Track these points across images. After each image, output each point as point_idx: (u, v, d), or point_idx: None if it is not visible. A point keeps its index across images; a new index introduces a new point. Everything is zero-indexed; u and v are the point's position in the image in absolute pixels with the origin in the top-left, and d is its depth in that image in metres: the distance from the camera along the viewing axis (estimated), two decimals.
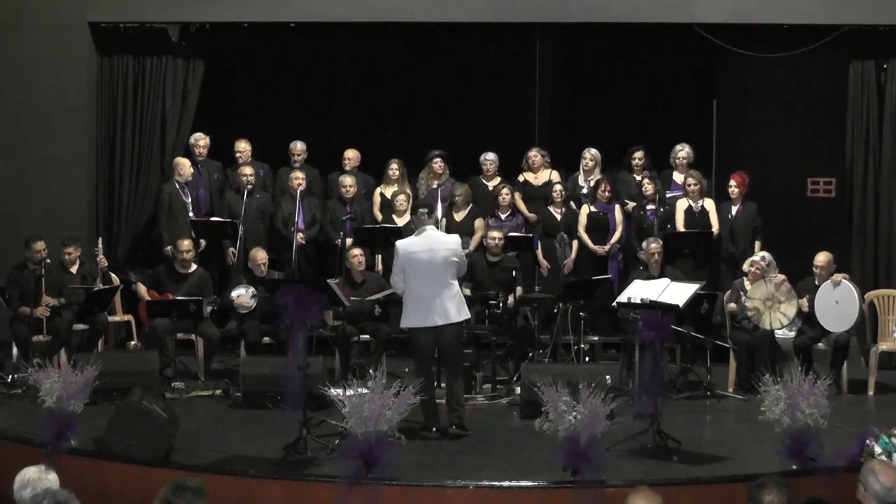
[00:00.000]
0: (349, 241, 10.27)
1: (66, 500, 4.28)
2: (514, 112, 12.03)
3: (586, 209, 10.66)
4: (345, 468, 6.43)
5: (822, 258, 9.38)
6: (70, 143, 11.01)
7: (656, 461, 7.14)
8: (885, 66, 11.01)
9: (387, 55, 11.98)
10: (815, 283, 9.32)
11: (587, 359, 9.85)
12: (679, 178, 10.85)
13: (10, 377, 9.07)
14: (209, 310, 9.70)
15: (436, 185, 10.95)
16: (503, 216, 10.64)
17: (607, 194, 10.61)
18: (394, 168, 10.91)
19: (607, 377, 8.06)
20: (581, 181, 11.00)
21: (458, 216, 10.65)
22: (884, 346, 9.42)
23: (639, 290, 8.54)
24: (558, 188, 10.67)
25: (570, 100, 12.01)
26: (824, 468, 6.52)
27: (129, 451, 6.98)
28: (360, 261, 9.85)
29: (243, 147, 11.03)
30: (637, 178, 10.95)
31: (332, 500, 6.40)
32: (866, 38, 10.90)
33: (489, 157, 11.04)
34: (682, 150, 10.87)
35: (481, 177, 11.08)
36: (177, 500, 4.34)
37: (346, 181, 10.66)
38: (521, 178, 11.04)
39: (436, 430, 7.83)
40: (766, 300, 9.14)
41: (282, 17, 11.09)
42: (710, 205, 10.54)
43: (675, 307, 8.02)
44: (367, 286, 9.77)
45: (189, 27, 11.31)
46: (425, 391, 7.27)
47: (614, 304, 9.02)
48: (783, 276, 9.33)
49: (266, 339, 9.61)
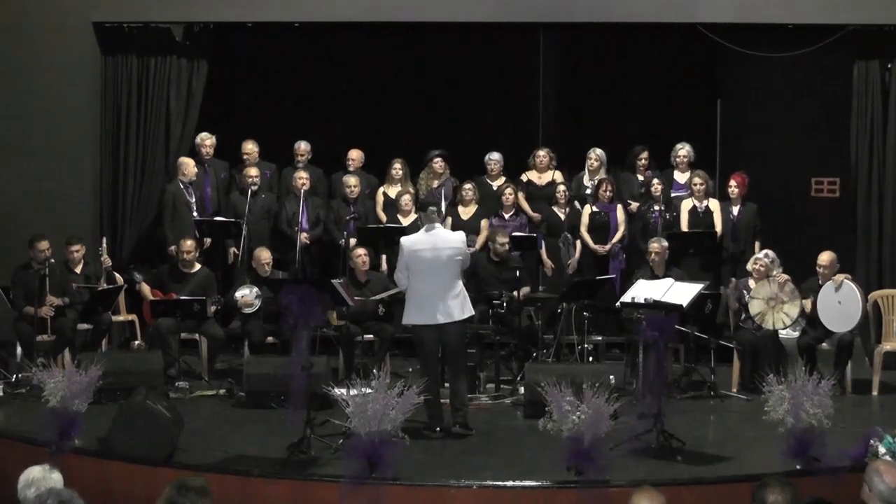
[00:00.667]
0: (353, 241, 10.28)
1: (70, 499, 4.28)
2: (518, 112, 12.03)
3: (588, 209, 10.67)
4: (348, 468, 6.44)
5: (825, 258, 9.38)
6: (74, 143, 11.01)
7: (660, 461, 7.14)
8: (889, 66, 10.97)
9: (391, 55, 11.98)
10: (819, 283, 9.31)
11: (591, 358, 9.86)
12: (680, 177, 10.86)
13: (15, 377, 9.07)
14: (213, 309, 9.71)
15: (436, 184, 10.95)
16: (507, 216, 10.64)
17: (609, 194, 10.61)
18: (397, 168, 10.91)
19: (611, 377, 8.05)
20: (586, 181, 11.00)
21: (466, 213, 10.64)
22: (888, 346, 9.40)
23: (643, 290, 8.54)
24: (562, 188, 10.67)
25: (574, 100, 12.00)
26: (828, 468, 6.51)
27: (132, 451, 6.98)
28: (363, 261, 9.86)
29: (250, 148, 11.03)
30: (640, 178, 10.95)
31: (336, 500, 6.40)
32: (871, 37, 10.87)
33: (494, 157, 11.04)
34: (683, 149, 10.87)
35: (486, 176, 11.08)
36: (180, 499, 4.34)
37: (350, 181, 10.66)
38: (524, 178, 11.04)
39: (439, 429, 7.84)
40: (769, 300, 9.14)
41: (286, 17, 11.09)
42: (714, 205, 10.53)
43: (678, 307, 8.03)
44: (370, 286, 9.78)
45: (193, 27, 11.31)
46: (429, 391, 7.26)
47: (618, 303, 9.02)
48: (786, 276, 9.32)
49: (270, 338, 9.62)
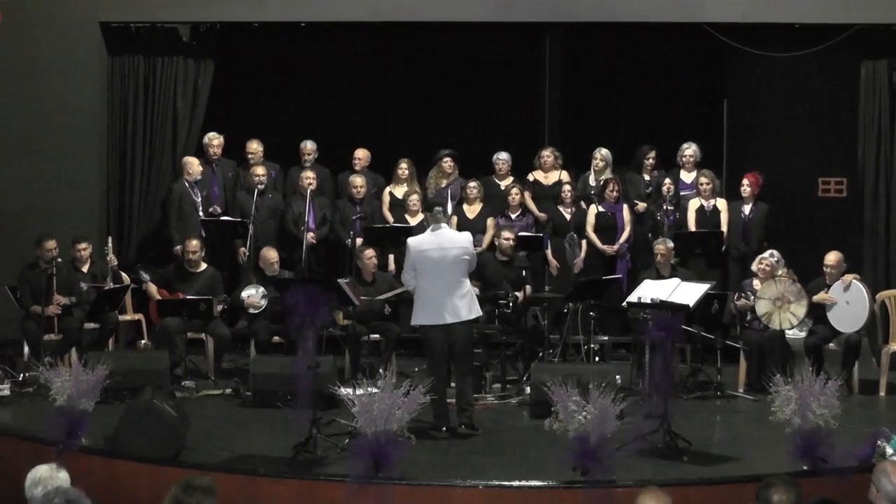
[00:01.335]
0: (359, 240, 10.28)
1: (77, 498, 4.28)
2: (524, 111, 12.02)
3: (594, 209, 10.65)
4: (354, 467, 6.43)
5: (832, 257, 9.35)
6: (81, 143, 11.03)
7: (666, 461, 7.12)
8: None
9: (396, 55, 11.97)
10: (826, 283, 9.29)
11: (597, 358, 9.85)
12: (686, 176, 10.84)
13: (21, 375, 9.09)
14: (219, 309, 9.72)
15: (445, 184, 10.95)
16: (513, 216, 10.63)
17: (615, 194, 10.60)
18: (403, 168, 10.91)
19: (617, 377, 8.06)
20: (592, 181, 10.99)
21: (471, 213, 10.64)
22: (895, 346, 9.38)
23: (649, 290, 8.53)
24: (568, 188, 10.66)
25: (579, 99, 11.97)
26: (835, 469, 6.49)
27: (139, 450, 6.99)
28: (373, 262, 9.85)
29: (255, 147, 11.04)
30: (647, 178, 10.94)
31: (342, 500, 6.40)
32: (878, 37, 10.86)
33: (502, 157, 11.03)
34: (689, 149, 10.86)
35: (493, 176, 11.07)
36: (187, 499, 4.34)
37: (357, 182, 10.66)
38: (531, 178, 11.03)
39: (445, 429, 7.83)
40: (775, 300, 9.12)
41: (292, 16, 11.10)
42: (722, 204, 10.52)
43: (685, 307, 8.01)
44: (377, 286, 9.78)
45: (199, 27, 11.34)
46: (435, 391, 7.27)
47: (625, 303, 9.00)
48: (793, 276, 9.30)
49: (276, 338, 9.62)
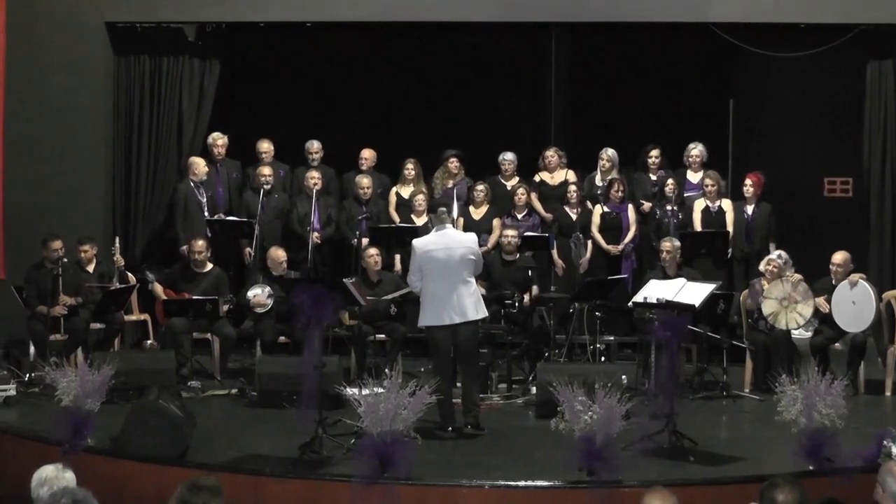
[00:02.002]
0: (365, 240, 10.28)
1: (84, 498, 4.27)
2: (530, 111, 12.02)
3: (599, 209, 10.65)
4: (360, 468, 6.43)
5: (839, 257, 9.35)
6: (87, 143, 11.03)
7: (672, 461, 7.12)
8: None
9: (402, 55, 11.98)
10: (833, 283, 9.28)
11: (603, 358, 9.86)
12: (693, 177, 10.84)
13: (28, 376, 9.09)
14: (225, 309, 9.73)
15: (451, 184, 10.95)
16: (519, 216, 10.63)
17: (620, 194, 10.60)
18: (409, 168, 10.91)
19: (623, 377, 8.05)
20: (598, 181, 10.98)
21: (478, 214, 10.65)
22: None
23: (655, 290, 8.53)
24: (573, 188, 10.66)
25: (586, 99, 11.98)
26: (841, 469, 6.48)
27: (145, 450, 6.99)
28: (376, 260, 9.86)
29: (266, 147, 11.05)
30: (653, 177, 10.94)
31: (348, 500, 6.40)
32: (884, 37, 10.83)
33: (508, 157, 11.03)
34: (695, 149, 10.86)
35: (499, 176, 11.07)
36: (193, 499, 4.34)
37: (363, 182, 10.67)
38: (537, 178, 11.04)
39: (451, 429, 7.83)
40: (782, 300, 9.11)
41: (298, 16, 11.10)
42: (727, 205, 10.52)
43: (691, 307, 8.01)
44: (382, 286, 9.78)
45: (205, 27, 11.33)
46: (441, 391, 7.26)
47: (630, 303, 9.00)
48: (799, 276, 9.29)
49: (282, 338, 9.64)
